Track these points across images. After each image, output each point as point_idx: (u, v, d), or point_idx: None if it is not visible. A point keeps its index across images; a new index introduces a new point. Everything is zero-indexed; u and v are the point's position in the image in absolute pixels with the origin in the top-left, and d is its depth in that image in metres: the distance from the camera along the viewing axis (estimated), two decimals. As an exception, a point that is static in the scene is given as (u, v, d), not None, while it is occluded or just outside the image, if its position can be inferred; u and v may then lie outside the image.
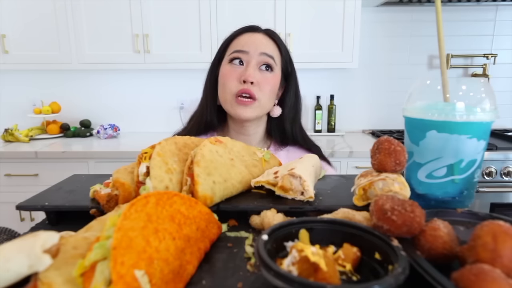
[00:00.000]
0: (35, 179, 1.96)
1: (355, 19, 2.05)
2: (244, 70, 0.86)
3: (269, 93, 0.88)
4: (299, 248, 0.32)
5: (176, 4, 2.05)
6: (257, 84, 0.85)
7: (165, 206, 0.36)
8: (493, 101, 0.46)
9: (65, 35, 2.09)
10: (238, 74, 0.86)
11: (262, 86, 0.86)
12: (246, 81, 0.84)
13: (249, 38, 0.89)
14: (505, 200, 1.79)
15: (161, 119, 2.49)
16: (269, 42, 0.90)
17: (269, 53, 0.88)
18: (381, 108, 2.47)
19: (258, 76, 0.86)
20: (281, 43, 0.93)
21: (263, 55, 0.87)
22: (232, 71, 0.87)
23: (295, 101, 0.96)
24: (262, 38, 0.89)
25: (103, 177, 0.62)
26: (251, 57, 0.86)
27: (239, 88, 0.85)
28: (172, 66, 2.14)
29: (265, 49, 0.87)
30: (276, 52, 0.90)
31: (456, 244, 0.34)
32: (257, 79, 0.85)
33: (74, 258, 0.31)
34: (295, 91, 0.96)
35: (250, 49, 0.86)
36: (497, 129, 2.24)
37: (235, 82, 0.86)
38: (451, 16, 2.31)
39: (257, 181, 0.54)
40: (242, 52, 0.87)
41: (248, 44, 0.87)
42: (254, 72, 0.85)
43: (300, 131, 0.98)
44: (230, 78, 0.86)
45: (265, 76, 0.87)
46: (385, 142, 0.46)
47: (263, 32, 0.92)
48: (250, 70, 0.85)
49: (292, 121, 0.96)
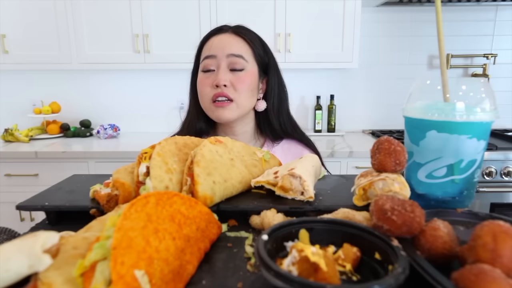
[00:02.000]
0: (35, 179, 1.96)
1: (355, 19, 2.05)
2: (215, 75, 0.87)
3: (245, 91, 0.89)
4: (299, 248, 0.32)
5: (176, 4, 2.05)
6: (231, 85, 0.87)
7: (165, 206, 0.36)
8: (493, 101, 0.46)
9: (65, 35, 2.09)
10: (211, 80, 0.88)
11: (236, 87, 0.87)
12: (218, 85, 0.86)
13: (216, 41, 0.89)
14: (505, 200, 1.79)
15: (161, 119, 2.49)
16: (236, 41, 0.90)
17: (237, 53, 0.88)
18: (381, 108, 2.47)
19: (229, 77, 0.87)
20: (251, 38, 0.92)
21: (231, 56, 0.87)
22: (205, 78, 0.89)
23: (278, 92, 0.96)
24: (228, 38, 0.90)
25: (103, 177, 0.62)
26: (220, 60, 0.87)
27: (213, 92, 0.87)
28: (172, 66, 2.14)
29: (231, 50, 0.88)
30: (245, 48, 0.90)
31: (456, 244, 0.34)
32: (230, 81, 0.86)
33: (74, 258, 0.31)
34: (277, 81, 0.95)
35: (217, 53, 0.87)
36: (497, 129, 2.24)
37: (209, 88, 0.88)
38: (451, 16, 2.31)
39: (257, 181, 0.54)
40: (210, 57, 0.88)
41: (215, 48, 0.88)
42: (225, 75, 0.86)
43: (288, 121, 0.98)
44: (204, 85, 0.88)
45: (237, 76, 0.88)
46: (385, 142, 0.46)
47: (230, 32, 0.91)
48: (221, 74, 0.86)
49: (277, 113, 0.95)
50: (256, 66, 0.92)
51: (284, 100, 0.97)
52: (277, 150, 0.97)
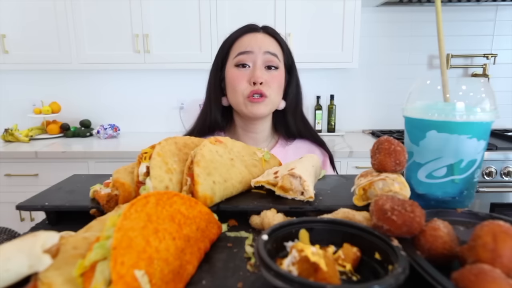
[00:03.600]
0: (35, 179, 1.96)
1: (355, 19, 2.05)
2: (252, 72, 0.88)
3: (277, 89, 0.91)
4: (299, 248, 0.32)
5: (176, 4, 2.05)
6: (266, 83, 0.88)
7: (165, 206, 0.36)
8: (493, 101, 0.46)
9: (65, 35, 2.09)
10: (247, 76, 0.89)
11: (270, 84, 0.89)
12: (256, 83, 0.87)
13: (252, 38, 0.91)
14: (505, 200, 1.79)
15: (161, 119, 2.49)
16: (271, 41, 0.92)
17: (273, 51, 0.90)
18: (381, 108, 2.47)
19: (266, 75, 0.89)
20: (281, 39, 0.95)
21: (267, 53, 0.89)
22: (240, 74, 0.89)
23: (296, 93, 0.99)
24: (263, 37, 0.92)
25: (103, 177, 0.62)
26: (257, 57, 0.88)
27: (250, 89, 0.88)
28: (172, 66, 2.14)
29: (268, 48, 0.90)
30: (278, 49, 0.93)
31: (456, 244, 0.34)
32: (265, 79, 0.88)
33: (74, 258, 0.31)
34: (296, 82, 0.99)
35: (255, 49, 0.89)
36: (497, 129, 2.24)
37: (245, 84, 0.88)
38: (451, 16, 2.31)
39: (257, 181, 0.54)
40: (247, 53, 0.89)
41: (252, 45, 0.89)
42: (262, 73, 0.88)
43: (302, 122, 1.01)
44: (240, 81, 0.89)
45: (272, 75, 0.90)
46: (385, 142, 0.46)
47: (263, 31, 0.93)
48: (258, 71, 0.87)
49: (294, 113, 0.98)
50: (283, 67, 0.94)
51: (300, 102, 1.00)
52: (290, 148, 0.99)
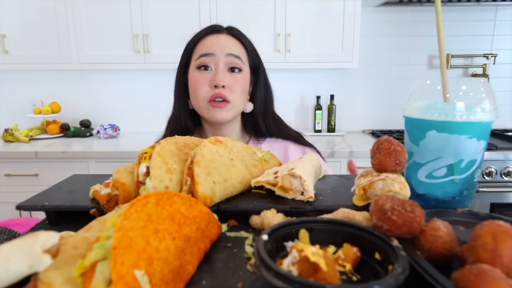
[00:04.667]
0: (35, 179, 1.96)
1: (355, 19, 2.05)
2: (214, 75, 0.86)
3: (240, 93, 0.89)
4: (299, 248, 0.32)
5: (176, 4, 2.05)
6: (228, 86, 0.86)
7: (165, 206, 0.36)
8: (493, 101, 0.46)
9: (65, 35, 2.09)
10: (208, 79, 0.86)
11: (233, 88, 0.87)
12: (217, 86, 0.85)
13: (214, 40, 0.88)
14: (505, 200, 1.79)
15: (161, 119, 2.46)
16: (234, 42, 0.90)
17: (236, 54, 0.87)
18: (381, 108, 2.47)
19: (228, 79, 0.86)
20: (245, 40, 0.92)
21: (230, 56, 0.87)
22: (201, 77, 0.87)
23: (265, 94, 0.96)
24: (226, 39, 0.89)
25: (103, 177, 0.62)
26: (218, 59, 0.86)
27: (211, 93, 0.85)
28: (172, 66, 2.10)
29: (231, 50, 0.87)
30: (242, 50, 0.90)
31: (456, 244, 0.34)
32: (227, 82, 0.86)
33: (74, 258, 0.31)
34: (264, 84, 0.96)
35: (217, 51, 0.86)
36: (497, 129, 2.24)
37: (206, 87, 0.86)
38: (451, 16, 2.31)
39: (257, 181, 0.54)
40: (208, 55, 0.86)
41: (214, 46, 0.87)
42: (224, 76, 0.85)
43: (273, 122, 0.98)
44: (201, 84, 0.86)
45: (235, 78, 0.87)
46: (385, 142, 0.46)
47: (226, 33, 0.91)
48: (220, 74, 0.85)
49: (263, 115, 0.96)
50: (248, 69, 0.92)
51: (270, 103, 0.97)
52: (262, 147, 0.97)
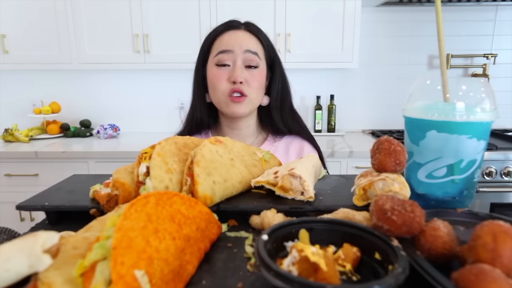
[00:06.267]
0: (35, 179, 1.96)
1: (355, 19, 2.05)
2: (232, 71, 0.88)
3: (257, 88, 0.91)
4: (299, 248, 0.32)
5: (176, 4, 2.05)
6: (246, 82, 0.88)
7: (165, 206, 0.36)
8: (493, 101, 0.46)
9: (65, 35, 2.09)
10: (226, 74, 0.88)
11: (250, 84, 0.89)
12: (235, 82, 0.87)
13: (232, 36, 0.90)
14: (505, 200, 1.79)
15: (161, 119, 2.49)
16: (251, 38, 0.91)
17: (253, 50, 0.89)
18: (381, 108, 2.47)
19: (245, 75, 0.88)
20: (262, 36, 0.94)
21: (248, 52, 0.89)
22: (220, 73, 0.89)
23: (282, 88, 0.97)
24: (244, 35, 0.91)
25: (103, 177, 0.62)
26: (237, 56, 0.88)
27: (230, 88, 0.88)
28: (172, 66, 2.14)
29: (248, 46, 0.89)
30: (259, 47, 0.92)
31: (456, 244, 0.34)
32: (245, 78, 0.88)
33: (74, 258, 0.31)
34: (280, 78, 0.97)
35: (235, 48, 0.88)
36: (497, 129, 2.24)
37: (225, 82, 0.88)
38: (451, 16, 2.31)
39: (257, 181, 0.54)
40: (226, 52, 0.88)
41: (232, 43, 0.89)
42: (242, 72, 0.88)
43: (291, 117, 0.99)
44: (220, 79, 0.89)
45: (252, 74, 0.89)
46: (385, 142, 0.46)
47: (243, 29, 0.92)
48: (238, 71, 0.87)
49: (280, 109, 0.97)
50: (265, 64, 0.94)
51: (286, 97, 0.98)
52: (279, 144, 0.98)
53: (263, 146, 0.98)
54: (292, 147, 0.98)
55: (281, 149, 0.97)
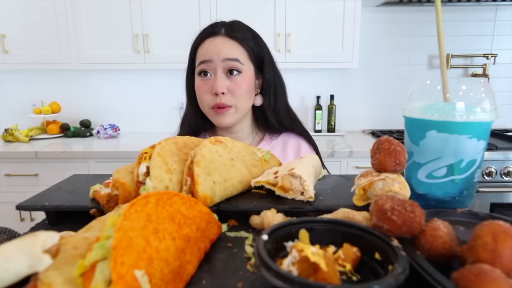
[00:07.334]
0: (35, 179, 1.96)
1: (355, 19, 2.05)
2: (213, 81, 0.86)
3: (243, 95, 0.88)
4: (299, 248, 0.32)
5: (176, 4, 2.05)
6: (229, 91, 0.86)
7: (165, 206, 0.36)
8: (493, 101, 0.46)
9: (65, 35, 2.09)
10: (209, 86, 0.87)
11: (234, 92, 0.86)
12: (217, 93, 0.85)
13: (210, 44, 0.87)
14: (505, 200, 1.79)
15: (161, 119, 2.48)
16: (231, 44, 0.87)
17: (232, 57, 0.86)
18: (381, 108, 2.47)
19: (227, 83, 0.86)
20: (245, 38, 0.89)
21: (227, 60, 0.86)
22: (203, 84, 0.88)
23: (275, 86, 0.94)
24: (222, 42, 0.87)
25: (103, 177, 0.62)
26: (216, 65, 0.86)
27: (213, 102, 0.87)
28: (172, 66, 2.13)
29: (227, 54, 0.86)
30: (240, 51, 0.88)
31: (456, 244, 0.34)
32: (227, 87, 0.86)
33: (74, 258, 0.31)
34: (272, 77, 0.94)
35: (213, 57, 0.86)
36: (497, 129, 2.24)
37: (208, 95, 0.87)
38: (451, 16, 2.31)
39: (257, 181, 0.54)
40: (206, 62, 0.86)
41: (210, 52, 0.86)
42: (222, 82, 0.85)
43: (287, 115, 0.97)
44: (203, 92, 0.88)
45: (235, 81, 0.87)
46: (385, 142, 0.46)
47: (223, 34, 0.88)
48: (218, 81, 0.85)
49: (273, 108, 0.95)
50: (252, 66, 0.90)
51: (280, 95, 0.96)
52: (276, 143, 0.97)
53: (260, 146, 0.97)
54: (289, 145, 0.97)
55: (278, 147, 0.96)
